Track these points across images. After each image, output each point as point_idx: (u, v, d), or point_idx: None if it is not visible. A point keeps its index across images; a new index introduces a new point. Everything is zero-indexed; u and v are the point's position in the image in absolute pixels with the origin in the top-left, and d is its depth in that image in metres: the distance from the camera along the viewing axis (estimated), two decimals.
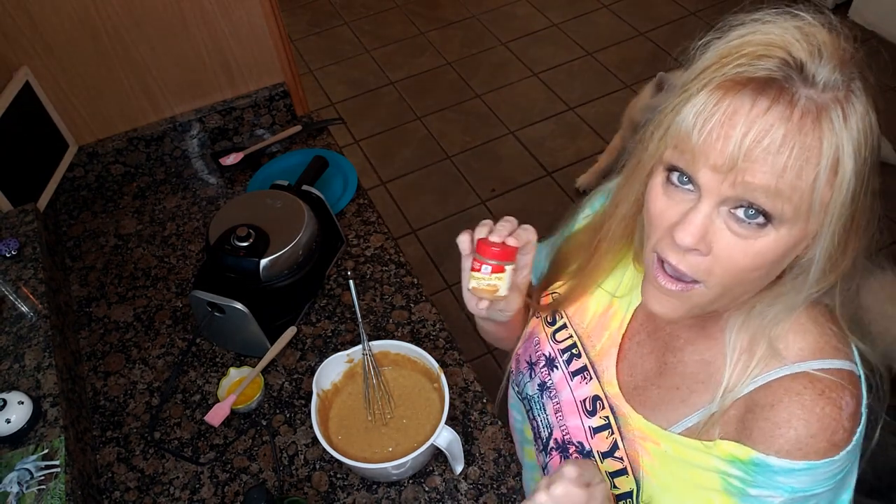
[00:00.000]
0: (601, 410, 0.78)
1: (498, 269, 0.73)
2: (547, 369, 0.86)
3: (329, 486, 0.99)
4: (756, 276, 0.61)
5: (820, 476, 0.62)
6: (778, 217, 0.56)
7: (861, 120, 0.55)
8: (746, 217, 0.57)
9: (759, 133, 0.53)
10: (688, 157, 0.58)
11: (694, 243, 0.58)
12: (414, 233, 2.59)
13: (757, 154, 0.54)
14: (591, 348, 0.82)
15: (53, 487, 0.89)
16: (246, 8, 1.37)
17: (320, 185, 1.30)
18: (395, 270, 1.25)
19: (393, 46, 3.43)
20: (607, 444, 0.76)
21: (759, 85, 0.54)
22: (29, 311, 1.09)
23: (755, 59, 0.55)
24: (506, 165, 2.80)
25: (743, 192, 0.55)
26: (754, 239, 0.57)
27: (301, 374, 1.13)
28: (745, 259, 0.58)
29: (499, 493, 0.97)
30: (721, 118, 0.55)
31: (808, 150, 0.53)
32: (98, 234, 1.37)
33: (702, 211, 0.58)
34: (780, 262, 0.60)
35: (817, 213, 0.57)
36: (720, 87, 0.55)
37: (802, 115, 0.53)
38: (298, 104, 1.56)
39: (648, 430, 0.73)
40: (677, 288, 0.63)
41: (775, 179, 0.54)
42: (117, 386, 1.14)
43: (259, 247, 1.09)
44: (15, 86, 1.25)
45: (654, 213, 0.63)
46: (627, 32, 3.34)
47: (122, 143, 1.43)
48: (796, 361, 0.64)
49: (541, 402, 0.86)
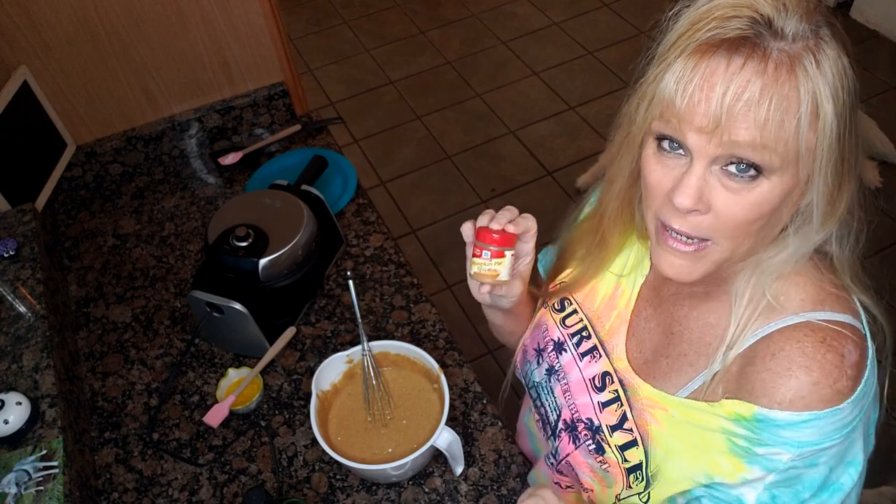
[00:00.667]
0: (610, 385, 0.79)
1: (498, 255, 0.76)
2: (555, 353, 0.87)
3: (328, 488, 0.99)
4: (758, 226, 0.62)
5: (826, 428, 0.62)
6: (768, 167, 0.58)
7: (834, 64, 0.57)
8: (738, 172, 0.59)
9: (738, 89, 0.56)
10: (674, 123, 0.60)
11: (692, 204, 0.61)
12: (414, 233, 2.58)
13: (738, 110, 0.56)
14: (600, 329, 0.83)
15: (52, 488, 0.89)
16: (245, 7, 1.37)
17: (320, 185, 1.29)
18: (395, 270, 1.25)
19: (393, 45, 3.42)
20: (616, 416, 0.77)
21: (732, 44, 0.57)
22: (27, 312, 1.08)
23: (725, 21, 0.58)
24: (506, 165, 2.79)
25: (730, 149, 0.58)
26: (749, 191, 0.60)
27: (300, 374, 1.12)
28: (744, 211, 0.61)
29: (499, 495, 0.97)
30: (700, 81, 0.57)
31: (787, 100, 0.56)
32: (96, 233, 1.37)
33: (695, 173, 0.60)
34: (779, 210, 0.62)
35: (805, 159, 0.59)
36: (696, 51, 0.58)
37: (776, 67, 0.56)
38: (298, 103, 1.56)
39: (657, 397, 0.74)
40: (690, 248, 0.65)
41: (759, 133, 0.56)
42: (116, 387, 1.13)
43: (258, 247, 1.09)
44: (13, 85, 1.24)
45: (650, 182, 0.65)
46: (628, 31, 3.34)
47: (121, 143, 1.43)
48: (798, 312, 0.65)
49: (548, 387, 0.87)
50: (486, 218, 0.78)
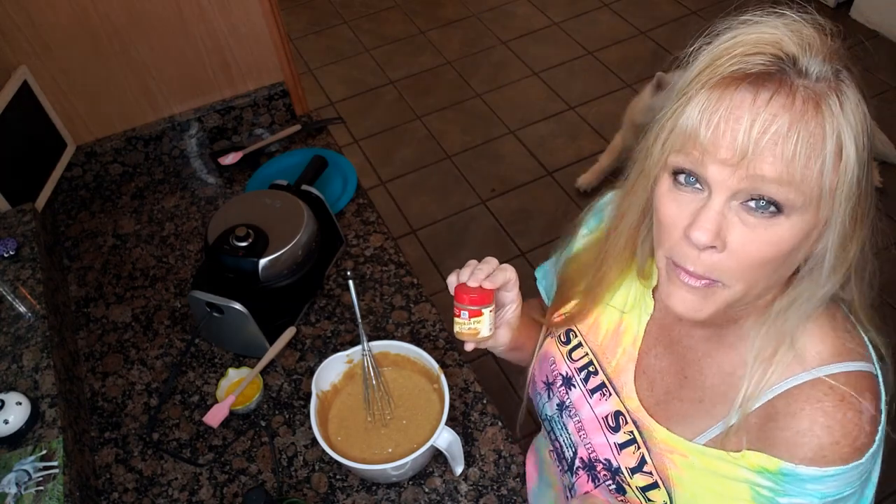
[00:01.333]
0: (625, 426, 0.77)
1: (476, 314, 0.77)
2: (564, 388, 0.85)
3: (328, 488, 0.99)
4: (773, 267, 0.61)
5: (848, 479, 0.62)
6: (789, 206, 0.57)
7: (855, 108, 0.57)
8: (758, 208, 0.58)
9: (765, 122, 0.55)
10: (695, 155, 0.59)
11: (710, 240, 0.59)
12: (414, 233, 2.58)
13: (765, 143, 0.55)
14: (606, 365, 0.82)
15: (52, 488, 0.88)
16: (245, 7, 1.37)
17: (320, 185, 1.29)
18: (395, 270, 1.25)
19: (393, 45, 3.42)
20: (635, 458, 0.76)
21: (758, 79, 0.56)
22: (27, 312, 1.08)
23: (748, 57, 0.57)
24: (506, 165, 2.79)
25: (753, 183, 0.56)
26: (766, 228, 0.58)
27: (300, 374, 1.12)
28: (761, 250, 0.59)
29: (499, 495, 0.97)
30: (725, 112, 0.56)
31: (813, 137, 0.55)
32: (96, 233, 1.37)
33: (713, 207, 0.59)
34: (796, 252, 0.61)
35: (826, 200, 0.58)
36: (719, 84, 0.57)
37: (804, 103, 0.55)
38: (298, 103, 1.56)
39: (674, 442, 0.73)
40: (701, 284, 0.63)
41: (785, 168, 0.55)
42: (116, 387, 1.13)
43: (258, 247, 1.09)
44: (13, 85, 1.24)
45: (665, 218, 0.63)
46: (628, 31, 3.34)
47: (121, 143, 1.43)
48: (815, 366, 0.64)
49: (561, 422, 0.86)
50: (466, 274, 0.78)
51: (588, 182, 2.60)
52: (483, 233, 2.55)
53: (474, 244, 2.52)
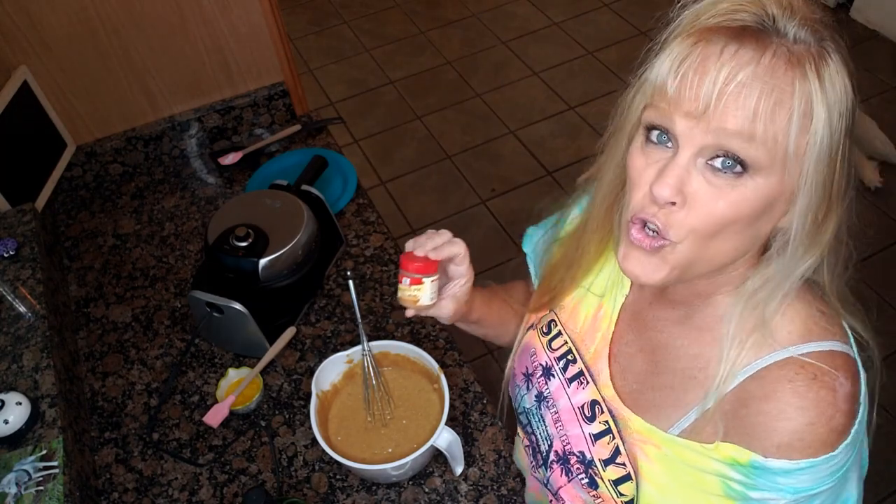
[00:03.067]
0: (600, 415, 0.77)
1: (416, 282, 0.78)
2: (543, 379, 0.84)
3: (328, 488, 0.99)
4: (733, 231, 0.60)
5: (821, 473, 0.61)
6: (754, 165, 0.57)
7: (833, 78, 0.56)
8: (723, 167, 0.58)
9: (730, 72, 0.55)
10: (663, 108, 0.59)
11: (672, 195, 0.59)
12: (414, 233, 2.58)
13: (729, 93, 0.55)
14: (585, 352, 0.81)
15: (52, 488, 0.88)
16: (245, 7, 1.37)
17: (320, 185, 1.29)
18: (395, 271, 1.25)
19: (393, 45, 3.42)
20: (609, 450, 0.75)
21: (733, 32, 0.56)
22: (27, 312, 1.08)
23: (729, 13, 0.57)
24: (506, 165, 2.79)
25: (717, 138, 0.56)
26: (731, 188, 0.58)
27: (300, 374, 1.12)
28: (722, 209, 0.59)
29: (499, 495, 0.97)
30: (694, 63, 0.56)
31: (780, 92, 0.55)
32: (96, 233, 1.37)
33: (679, 163, 0.59)
34: (758, 219, 0.60)
35: (793, 165, 0.57)
36: (693, 34, 0.57)
37: (774, 58, 0.55)
38: (298, 103, 1.56)
39: (649, 432, 0.72)
40: (654, 245, 0.62)
41: (748, 122, 0.55)
42: (115, 387, 1.13)
43: (258, 247, 1.09)
44: (13, 85, 1.24)
45: (633, 173, 0.63)
46: (628, 31, 3.34)
47: (121, 143, 1.43)
48: (785, 346, 0.63)
49: (539, 414, 0.85)
50: (411, 243, 0.79)
51: None
52: (483, 233, 2.55)
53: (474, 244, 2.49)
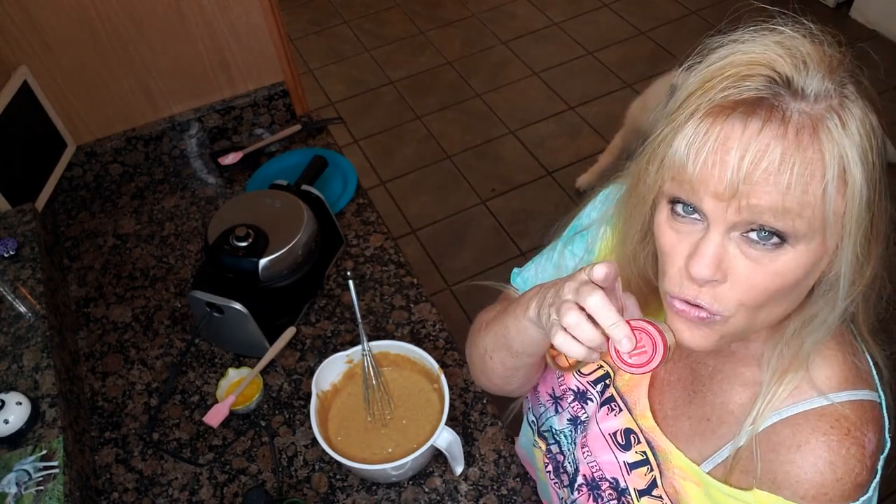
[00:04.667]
0: (636, 445, 0.75)
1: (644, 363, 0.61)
2: (578, 403, 0.82)
3: (328, 488, 0.99)
4: (780, 297, 0.58)
5: None
6: (792, 235, 0.54)
7: (861, 124, 0.53)
8: (760, 239, 0.55)
9: (756, 155, 0.51)
10: (687, 187, 0.56)
11: (710, 274, 0.56)
12: (414, 233, 2.58)
13: (757, 176, 0.52)
14: (618, 378, 0.79)
15: (52, 488, 0.88)
16: (245, 7, 1.37)
17: (320, 185, 1.29)
18: (395, 270, 1.25)
19: (393, 45, 3.42)
20: (645, 481, 0.73)
21: (748, 106, 0.53)
22: (27, 312, 1.08)
23: (739, 81, 0.53)
24: (506, 165, 2.79)
25: (750, 215, 0.53)
26: (771, 260, 0.55)
27: (300, 374, 1.12)
28: (765, 281, 0.56)
29: (499, 495, 0.97)
30: (714, 145, 0.53)
31: (811, 164, 0.52)
32: (96, 233, 1.37)
33: (712, 240, 0.56)
34: (804, 280, 0.58)
35: (833, 226, 0.54)
36: (708, 113, 0.54)
37: (798, 131, 0.52)
38: (298, 103, 1.56)
39: (690, 470, 0.70)
40: (702, 316, 0.59)
41: (781, 198, 0.52)
42: (116, 387, 1.13)
43: (258, 247, 1.09)
44: (13, 85, 1.24)
45: (665, 249, 0.60)
46: (628, 31, 3.34)
47: (121, 143, 1.43)
48: (823, 393, 0.63)
49: (572, 437, 0.83)
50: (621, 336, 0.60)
51: (588, 182, 2.59)
52: (483, 233, 2.55)
53: (474, 244, 2.52)
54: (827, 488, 0.61)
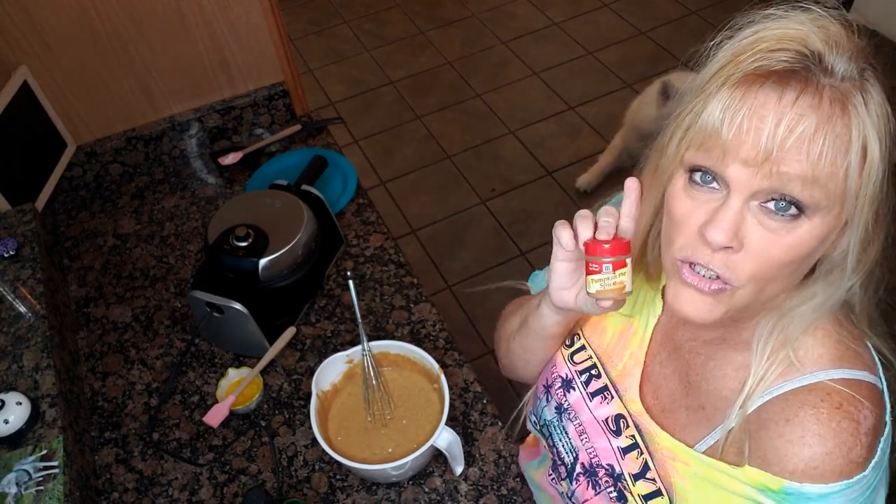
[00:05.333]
0: (626, 429, 0.76)
1: (620, 265, 0.65)
2: (562, 391, 0.84)
3: (328, 488, 0.99)
4: (790, 269, 0.60)
5: (853, 493, 0.61)
6: (812, 206, 0.55)
7: (879, 107, 0.55)
8: (778, 210, 0.56)
9: (791, 122, 0.53)
10: (716, 153, 0.57)
11: (727, 240, 0.57)
12: (414, 233, 2.58)
13: (791, 143, 0.53)
14: (611, 368, 0.80)
15: (52, 488, 0.88)
16: (245, 7, 1.37)
17: (320, 185, 1.29)
18: (395, 270, 1.25)
19: (393, 45, 3.42)
20: (637, 464, 0.75)
21: (782, 77, 0.54)
22: (27, 312, 1.08)
23: (772, 53, 0.55)
24: (506, 165, 2.79)
25: (778, 183, 0.55)
26: (788, 231, 0.57)
27: (300, 374, 1.12)
28: (780, 253, 0.57)
29: (499, 495, 0.97)
30: (749, 112, 0.55)
31: (840, 138, 0.54)
32: (96, 233, 1.37)
33: (732, 207, 0.57)
34: (813, 254, 0.59)
35: (851, 200, 0.56)
36: (742, 81, 0.55)
37: (831, 103, 0.54)
38: (298, 103, 1.56)
39: (677, 448, 0.71)
40: (713, 288, 0.60)
41: (811, 167, 0.54)
42: (116, 387, 1.13)
43: (258, 247, 1.09)
44: (13, 85, 1.24)
45: (678, 215, 0.61)
46: (628, 31, 3.34)
47: (121, 143, 1.43)
48: (815, 370, 0.63)
49: (560, 426, 0.84)
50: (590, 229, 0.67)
51: (588, 182, 2.59)
52: (483, 233, 2.55)
53: (474, 244, 2.52)
54: (817, 462, 0.60)
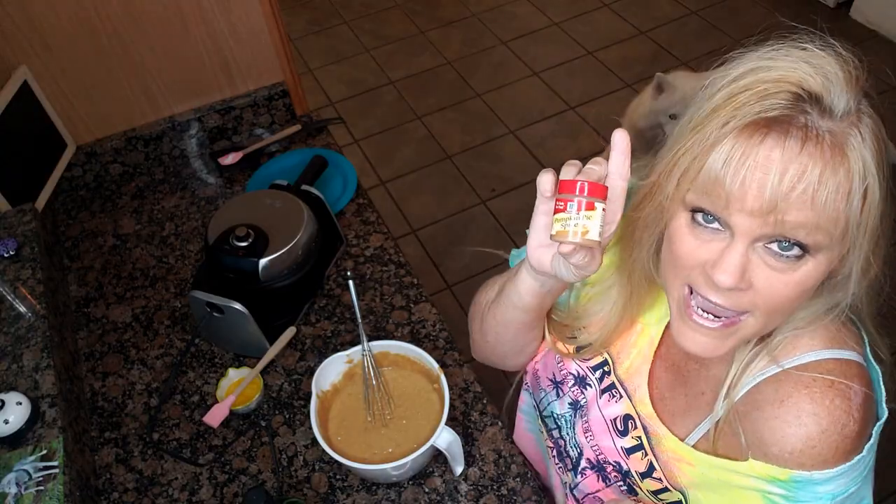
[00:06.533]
0: (633, 430, 0.77)
1: (589, 206, 0.60)
2: (578, 388, 0.84)
3: (328, 488, 0.99)
4: (797, 303, 0.61)
5: (854, 473, 0.62)
6: (815, 247, 0.56)
7: (873, 135, 0.56)
8: (782, 250, 0.57)
9: (795, 174, 0.53)
10: (720, 202, 0.57)
11: (735, 283, 0.58)
12: (414, 233, 2.58)
13: (795, 196, 0.54)
14: (619, 366, 0.80)
15: (52, 488, 0.88)
16: (245, 7, 1.37)
17: (320, 185, 1.29)
18: (395, 270, 1.25)
19: (393, 45, 3.42)
20: (643, 464, 0.76)
21: (783, 125, 0.54)
22: (27, 312, 1.08)
23: (768, 97, 0.55)
24: (506, 165, 2.79)
25: (781, 230, 0.55)
26: (794, 270, 0.57)
27: (300, 374, 1.12)
28: (787, 290, 0.58)
29: (499, 495, 0.97)
30: (753, 164, 0.54)
31: (843, 183, 0.54)
32: (96, 234, 1.37)
33: (738, 250, 0.57)
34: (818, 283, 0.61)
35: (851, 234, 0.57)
36: (744, 131, 0.55)
37: (832, 151, 0.54)
38: (298, 103, 1.56)
39: (682, 451, 0.72)
40: (718, 325, 0.62)
41: (815, 216, 0.54)
42: (116, 386, 1.13)
43: (258, 247, 1.09)
44: (13, 85, 1.24)
45: (681, 253, 0.62)
46: (628, 31, 3.34)
47: (121, 143, 1.43)
48: (805, 352, 0.64)
49: (572, 422, 0.84)
50: (573, 170, 0.64)
51: None
52: (483, 233, 2.55)
53: (474, 244, 2.52)
54: (814, 441, 0.61)
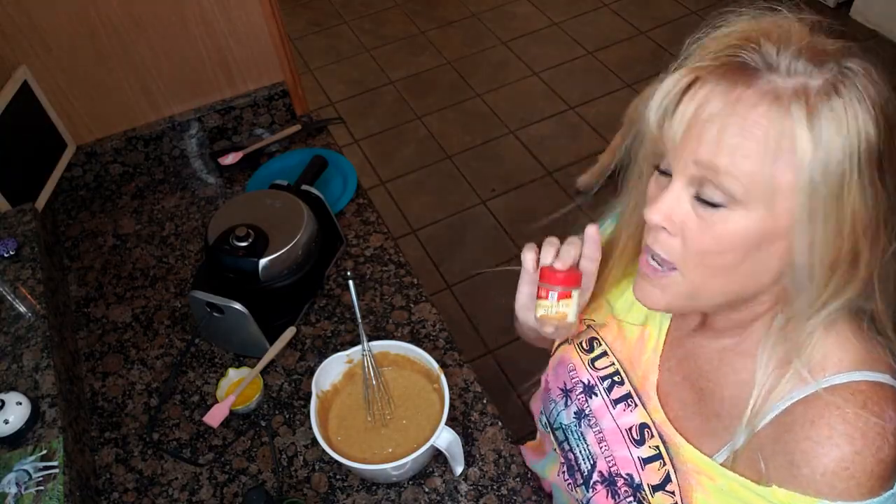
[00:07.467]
0: (650, 439, 0.75)
1: (565, 296, 0.72)
2: (584, 396, 0.83)
3: (328, 488, 0.99)
4: (728, 262, 0.60)
5: None
6: (729, 196, 0.57)
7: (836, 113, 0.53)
8: (702, 198, 0.59)
9: (699, 106, 0.56)
10: (658, 144, 0.62)
11: (660, 220, 0.61)
12: (414, 233, 2.58)
13: (695, 126, 0.57)
14: (633, 375, 0.80)
15: (52, 488, 0.88)
16: (245, 7, 1.37)
17: (320, 185, 1.29)
18: (395, 270, 1.25)
19: (393, 45, 3.42)
20: (659, 476, 0.74)
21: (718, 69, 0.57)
22: (27, 312, 1.08)
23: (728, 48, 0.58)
24: (506, 165, 2.79)
25: (696, 169, 0.58)
26: (715, 221, 0.59)
27: (300, 374, 1.12)
28: (709, 241, 0.60)
29: (499, 495, 0.97)
30: (674, 96, 0.58)
31: (751, 127, 0.54)
32: (96, 234, 1.37)
33: (672, 191, 0.61)
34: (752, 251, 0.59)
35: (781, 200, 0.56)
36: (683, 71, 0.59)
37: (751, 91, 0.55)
38: (298, 103, 1.56)
39: (703, 464, 0.70)
40: (651, 271, 0.66)
41: (714, 155, 0.56)
42: (116, 387, 1.13)
43: (258, 247, 1.09)
44: (13, 85, 1.24)
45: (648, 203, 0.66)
46: (628, 31, 3.34)
47: (121, 143, 1.43)
48: (835, 373, 0.62)
49: (578, 432, 0.84)
50: (551, 255, 0.73)
51: (588, 182, 2.60)
52: (483, 233, 2.55)
53: (474, 244, 2.52)
54: (847, 462, 0.59)
